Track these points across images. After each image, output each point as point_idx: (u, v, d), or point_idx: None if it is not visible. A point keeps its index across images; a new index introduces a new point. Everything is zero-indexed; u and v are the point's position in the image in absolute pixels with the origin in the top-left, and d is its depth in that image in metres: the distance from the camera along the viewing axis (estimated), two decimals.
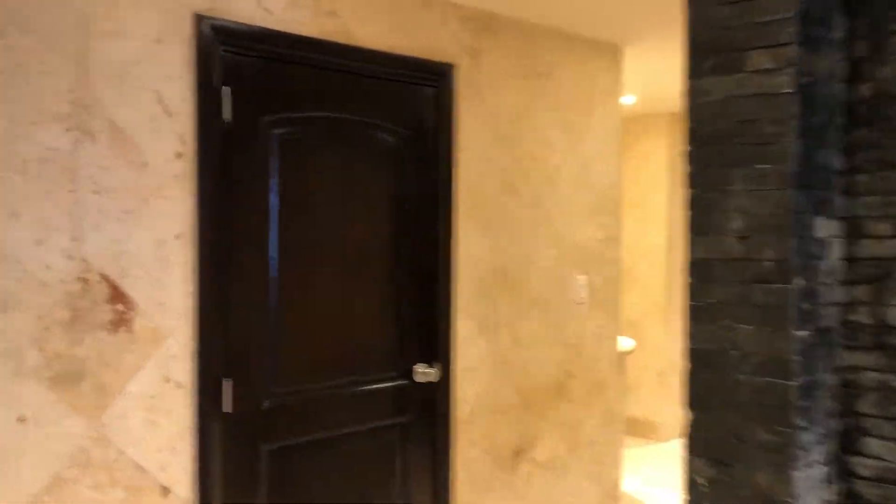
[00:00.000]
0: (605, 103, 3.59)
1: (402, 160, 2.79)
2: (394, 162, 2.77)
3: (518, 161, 3.19)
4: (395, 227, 2.78)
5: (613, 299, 3.66)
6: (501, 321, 3.14)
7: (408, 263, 2.81)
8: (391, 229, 2.77)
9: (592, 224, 3.53)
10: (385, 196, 2.75)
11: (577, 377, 3.48)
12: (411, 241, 2.82)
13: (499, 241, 3.12)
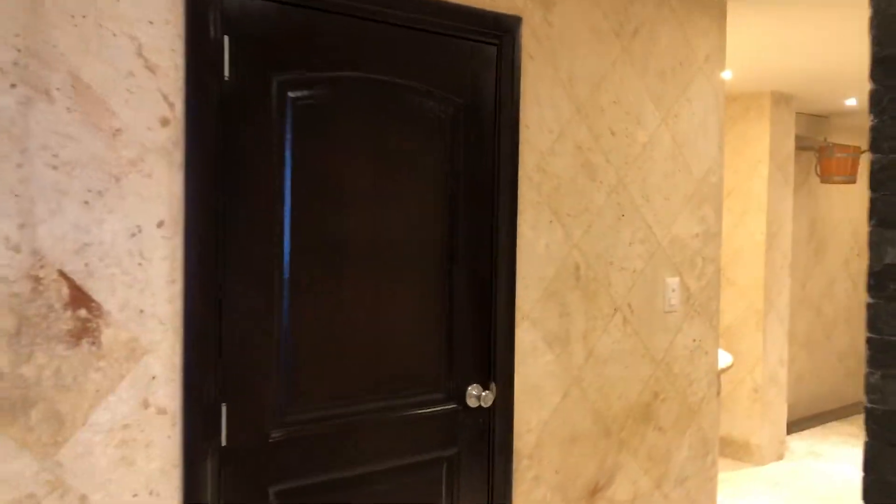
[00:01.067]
0: (705, 72, 2.98)
1: (455, 135, 2.27)
2: (444, 137, 2.25)
3: (598, 138, 2.63)
4: (444, 218, 2.26)
5: (712, 307, 3.06)
6: (574, 332, 2.59)
7: (459, 261, 2.29)
8: (439, 220, 2.25)
9: (687, 216, 2.94)
10: (432, 179, 2.23)
11: (666, 399, 2.89)
12: (464, 233, 2.29)
13: (572, 234, 2.57)
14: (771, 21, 3.52)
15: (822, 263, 6.74)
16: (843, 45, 4.09)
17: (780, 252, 5.38)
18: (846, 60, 4.40)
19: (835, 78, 4.87)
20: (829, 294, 6.85)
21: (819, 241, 6.68)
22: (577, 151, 2.57)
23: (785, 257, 5.42)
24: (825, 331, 6.82)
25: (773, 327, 5.35)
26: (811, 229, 6.52)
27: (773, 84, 5.12)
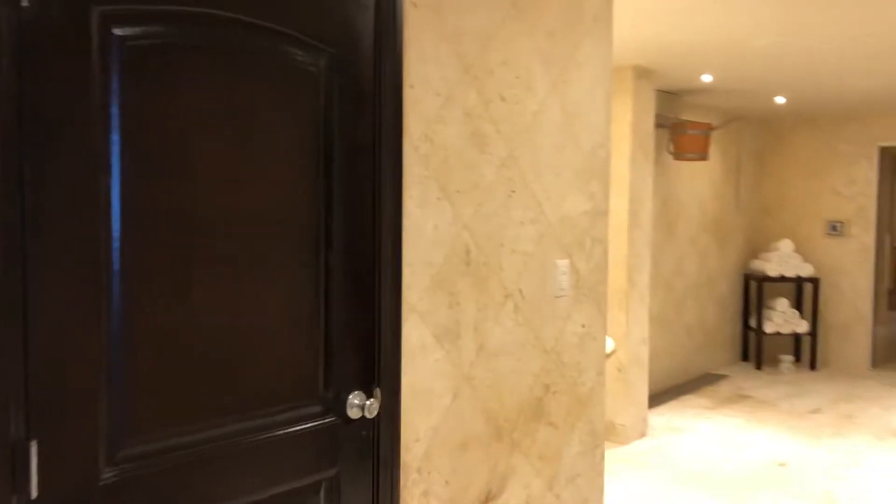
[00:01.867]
0: (594, 34, 2.74)
1: (329, 93, 1.87)
2: (315, 94, 1.85)
3: (487, 104, 2.31)
4: (318, 194, 1.87)
5: (600, 291, 2.84)
6: (465, 323, 2.28)
7: (336, 246, 1.90)
8: (311, 196, 1.86)
9: (577, 193, 2.69)
10: (300, 147, 1.84)
11: (557, 392, 2.65)
12: (341, 213, 1.91)
13: (462, 213, 2.25)
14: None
15: (672, 241, 6.85)
16: (703, 18, 4.01)
17: (642, 231, 5.34)
18: (705, 35, 4.35)
19: (693, 53, 4.84)
20: (679, 270, 6.99)
21: (670, 218, 6.78)
22: (467, 119, 2.25)
23: (646, 236, 5.40)
24: (676, 307, 6.96)
25: (635, 306, 5.32)
26: (664, 207, 6.60)
27: (634, 58, 5.03)
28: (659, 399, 6.39)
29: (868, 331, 7.80)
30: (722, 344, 7.83)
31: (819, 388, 6.94)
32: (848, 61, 5.01)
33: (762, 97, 6.62)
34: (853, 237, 7.86)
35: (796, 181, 8.15)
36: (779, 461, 4.96)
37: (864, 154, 7.78)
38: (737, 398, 6.59)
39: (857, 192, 7.83)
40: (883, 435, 5.55)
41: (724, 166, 7.65)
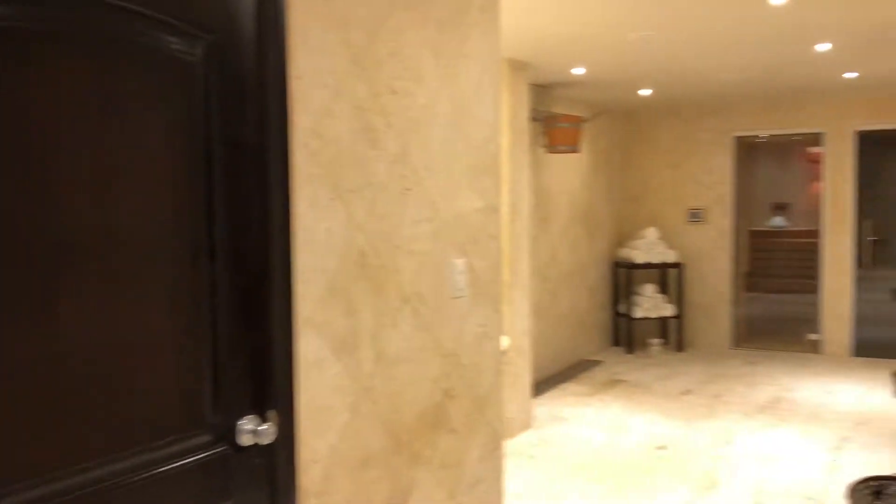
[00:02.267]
0: (481, 25, 2.64)
1: (208, 85, 1.67)
2: (192, 87, 1.65)
3: (377, 96, 2.17)
4: (197, 198, 1.67)
5: (496, 288, 2.77)
6: (362, 332, 2.13)
7: (220, 256, 1.71)
8: (189, 201, 1.66)
9: (469, 189, 2.60)
10: (176, 146, 1.63)
11: (456, 396, 2.55)
12: (224, 219, 1.72)
13: (356, 214, 2.09)
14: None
15: (547, 231, 6.94)
16: (580, 11, 4.03)
17: (522, 224, 5.35)
18: (580, 28, 4.38)
19: (567, 46, 4.87)
20: (553, 261, 7.08)
21: (544, 210, 6.86)
22: (357, 112, 2.09)
23: (525, 228, 5.41)
24: (551, 296, 7.06)
25: (517, 298, 5.32)
26: (537, 199, 6.66)
27: (509, 51, 5.01)
28: (540, 389, 6.45)
29: (728, 312, 8.22)
30: (594, 330, 8.03)
31: (688, 369, 7.24)
32: (710, 56, 5.20)
33: (629, 89, 6.80)
34: (712, 223, 8.25)
35: (659, 171, 8.46)
36: (658, 444, 5.10)
37: (721, 144, 8.17)
38: (612, 383, 6.76)
39: (716, 180, 8.22)
40: (750, 412, 5.83)
41: (593, 158, 7.83)
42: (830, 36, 4.59)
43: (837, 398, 6.18)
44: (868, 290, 7.95)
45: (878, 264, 8.47)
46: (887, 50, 5.02)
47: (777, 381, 6.74)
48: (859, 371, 7.07)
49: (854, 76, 6.19)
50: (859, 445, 5.01)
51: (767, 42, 4.73)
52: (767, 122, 7.98)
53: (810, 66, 5.61)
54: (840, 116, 7.60)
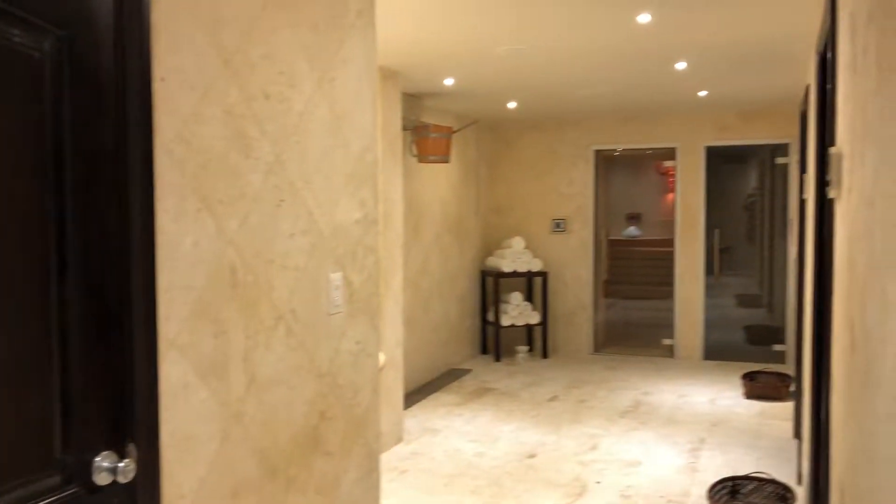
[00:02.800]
0: (358, 29, 2.56)
1: (56, 85, 1.49)
2: (38, 87, 1.47)
3: (250, 101, 2.04)
4: (44, 211, 1.48)
5: (374, 303, 2.68)
6: (233, 354, 1.98)
7: (73, 273, 1.53)
8: (35, 214, 1.47)
9: (348, 200, 2.50)
10: (19, 153, 1.44)
11: (332, 418, 2.44)
12: (79, 233, 1.54)
13: (226, 227, 1.95)
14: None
15: (418, 241, 6.91)
16: (452, 24, 4.02)
17: (395, 233, 5.28)
18: (452, 40, 4.37)
19: (439, 57, 4.86)
20: (425, 270, 7.06)
21: (416, 219, 6.83)
22: (228, 118, 1.95)
23: (398, 238, 5.35)
24: (422, 305, 7.03)
25: (390, 309, 5.24)
26: (409, 208, 6.61)
27: (381, 59, 4.93)
28: (411, 399, 6.40)
29: (590, 318, 8.49)
30: (463, 339, 8.07)
31: (553, 376, 7.40)
32: (575, 71, 5.34)
33: (497, 102, 6.89)
34: (574, 233, 8.50)
35: (524, 182, 8.64)
36: (529, 453, 5.16)
37: (581, 156, 8.44)
38: (482, 391, 6.80)
39: (576, 191, 8.48)
40: (613, 417, 6.01)
41: (462, 168, 7.89)
42: (687, 55, 4.81)
43: (692, 400, 6.49)
44: (716, 297, 8.44)
45: (724, 272, 9.02)
46: (733, 71, 5.32)
47: (636, 386, 7.00)
48: (710, 374, 7.47)
49: (705, 94, 6.55)
50: (715, 446, 5.27)
51: (631, 59, 4.90)
52: (625, 136, 8.31)
53: (669, 83, 5.87)
54: (692, 132, 8.03)
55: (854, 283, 1.51)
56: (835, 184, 1.92)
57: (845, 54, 1.85)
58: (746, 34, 4.21)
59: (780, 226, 8.86)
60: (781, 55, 4.72)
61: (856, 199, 1.47)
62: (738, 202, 11.25)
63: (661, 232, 14.11)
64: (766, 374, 6.75)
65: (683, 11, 3.74)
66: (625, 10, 3.70)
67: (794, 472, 4.64)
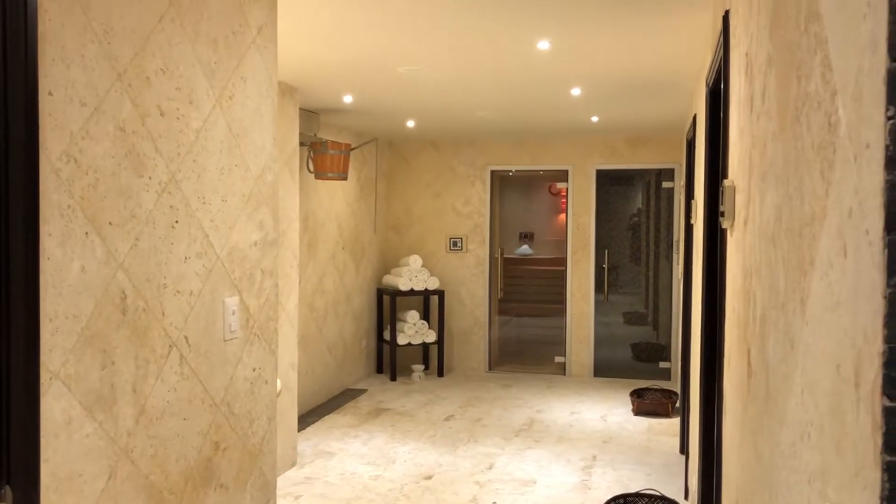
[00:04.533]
0: (259, 46, 2.49)
1: None
2: None
3: (144, 117, 1.94)
4: None
5: (271, 328, 2.59)
6: (121, 385, 1.86)
7: None
8: None
9: (245, 222, 2.41)
10: None
11: (227, 449, 2.34)
12: None
13: (117, 250, 1.84)
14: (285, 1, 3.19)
15: (314, 258, 6.79)
16: (353, 42, 3.99)
17: (290, 251, 5.16)
18: (352, 58, 4.34)
19: (338, 74, 4.81)
20: (320, 289, 6.94)
21: (311, 236, 6.71)
22: (121, 135, 1.84)
23: (294, 256, 5.23)
24: (317, 324, 6.91)
25: (285, 330, 5.11)
26: (304, 225, 6.50)
27: (280, 74, 4.84)
28: (305, 421, 6.25)
29: (485, 336, 8.57)
30: (359, 358, 7.98)
31: (449, 395, 7.41)
32: (473, 93, 5.40)
33: (395, 120, 6.88)
34: (470, 251, 8.58)
35: (422, 200, 8.66)
36: (425, 474, 5.12)
37: (478, 176, 8.54)
38: (378, 412, 6.73)
39: (473, 210, 8.57)
40: (508, 435, 6.07)
41: (359, 185, 7.83)
42: (582, 82, 4.95)
43: (584, 417, 6.64)
44: (604, 314, 8.68)
45: (612, 290, 9.30)
46: (624, 98, 5.52)
47: (529, 404, 7.10)
48: (601, 391, 7.67)
49: (597, 120, 6.76)
50: (606, 463, 5.40)
51: (529, 84, 5.00)
52: (520, 157, 8.47)
53: (564, 108, 6.02)
54: (583, 155, 8.27)
55: (751, 312, 1.56)
56: (728, 215, 1.99)
57: (739, 91, 1.93)
58: (638, 64, 4.37)
59: (664, 247, 9.23)
60: (669, 85, 4.92)
61: (753, 233, 1.53)
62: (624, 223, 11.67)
63: (552, 251, 14.46)
64: (653, 390, 6.98)
65: (580, 40, 3.85)
66: (525, 36, 3.77)
67: (681, 488, 4.80)
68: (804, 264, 0.95)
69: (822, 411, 0.85)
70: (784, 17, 1.16)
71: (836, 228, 0.78)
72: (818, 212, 0.87)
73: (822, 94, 0.86)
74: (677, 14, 3.38)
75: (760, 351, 1.38)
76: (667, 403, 6.68)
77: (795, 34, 1.04)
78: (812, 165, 0.90)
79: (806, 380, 0.94)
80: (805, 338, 0.94)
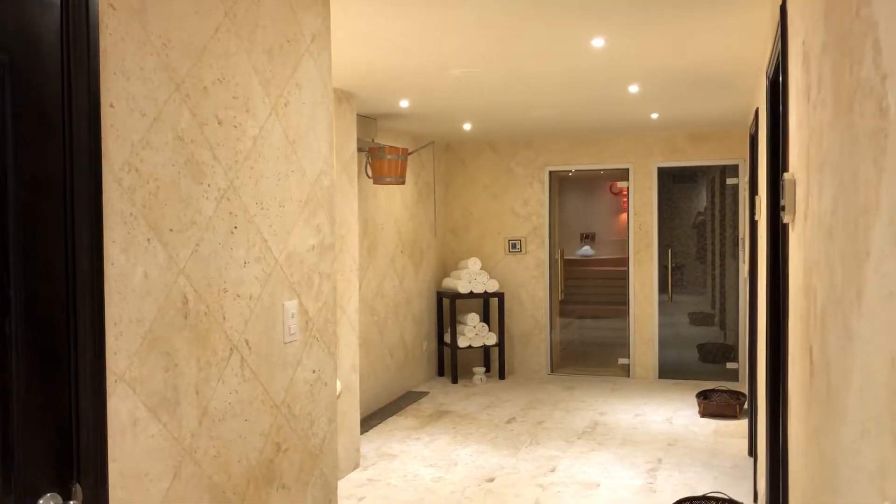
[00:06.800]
0: (313, 54, 2.53)
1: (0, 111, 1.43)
2: None
3: (202, 126, 1.99)
4: None
5: (329, 331, 2.63)
6: (184, 388, 1.92)
7: (15, 308, 1.46)
8: None
9: (303, 226, 2.46)
10: None
11: (289, 450, 2.38)
12: (21, 265, 1.47)
13: (178, 256, 1.89)
14: (342, 8, 3.22)
15: (374, 263, 6.86)
16: (408, 46, 4.02)
17: (350, 256, 5.22)
18: (408, 62, 4.37)
19: (394, 79, 4.85)
20: (380, 293, 7.01)
21: (371, 241, 6.78)
22: (179, 144, 1.90)
23: (354, 261, 5.29)
24: (378, 328, 6.97)
25: (345, 334, 5.17)
26: (364, 229, 6.57)
27: (336, 81, 4.91)
28: (367, 424, 6.31)
29: (546, 338, 8.51)
30: (420, 361, 8.02)
31: (510, 397, 7.38)
32: (529, 93, 5.38)
33: (451, 123, 6.90)
34: (530, 253, 8.53)
35: (480, 202, 8.66)
36: (487, 477, 5.12)
37: (536, 177, 8.50)
38: (440, 414, 6.75)
39: (531, 211, 8.53)
40: (570, 438, 6.01)
41: (417, 189, 7.87)
42: (639, 78, 4.88)
43: (648, 420, 6.53)
44: (669, 315, 8.53)
45: (677, 290, 9.14)
46: (683, 94, 5.42)
47: (592, 406, 7.02)
48: (666, 393, 7.54)
49: (657, 116, 6.66)
50: (672, 466, 5.30)
51: (585, 82, 4.96)
52: (578, 156, 8.40)
53: (622, 105, 5.95)
54: (644, 153, 8.15)
55: (812, 309, 1.52)
56: (789, 209, 1.94)
57: (797, 81, 1.88)
58: (696, 58, 4.29)
59: (730, 245, 9.02)
60: (730, 79, 4.81)
61: (813, 226, 1.49)
62: (688, 221, 11.44)
63: (614, 251, 14.28)
64: (720, 392, 6.83)
65: (635, 36, 3.80)
66: (579, 34, 3.74)
67: (750, 491, 4.68)
68: (860, 255, 0.92)
69: (880, 406, 0.82)
70: (837, 2, 1.13)
71: (888, 217, 0.75)
72: (871, 201, 0.84)
73: (874, 79, 0.83)
74: (736, 6, 3.31)
75: (821, 348, 1.34)
76: (734, 405, 6.53)
77: (847, 19, 1.01)
78: (865, 153, 0.88)
79: (864, 374, 0.91)
80: (861, 331, 0.91)
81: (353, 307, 5.33)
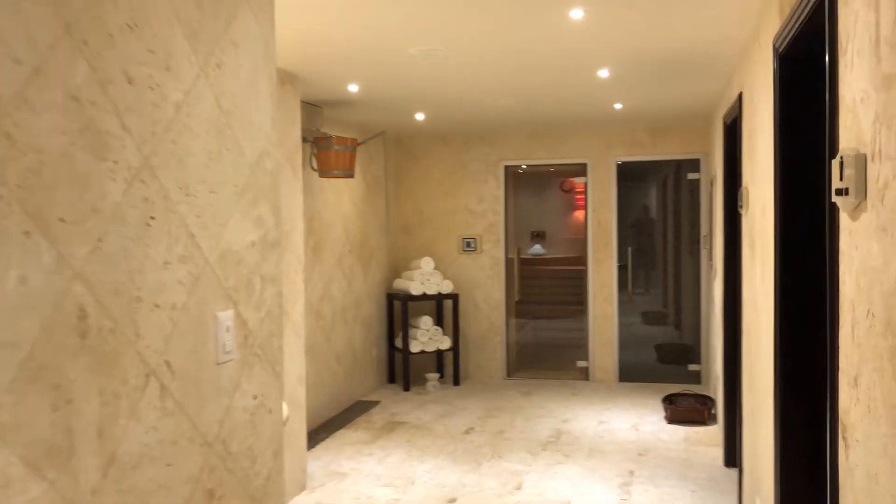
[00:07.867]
0: (252, 6, 2.06)
1: None
2: None
3: (106, 85, 1.51)
4: None
5: (274, 346, 2.16)
6: (82, 430, 1.44)
7: None
8: None
9: (240, 218, 1.99)
10: None
11: (224, 496, 1.91)
12: None
13: (72, 255, 1.41)
14: None
15: (320, 263, 6.36)
16: (359, 18, 3.56)
17: (295, 255, 4.73)
18: (358, 37, 3.91)
19: (341, 57, 4.38)
20: (327, 295, 6.52)
21: (317, 239, 6.29)
22: (74, 105, 1.42)
23: (299, 261, 4.80)
24: (325, 333, 6.48)
25: (290, 342, 4.68)
26: (309, 227, 6.07)
27: (278, 60, 4.41)
28: (314, 438, 5.82)
29: (502, 341, 8.13)
30: (370, 368, 7.55)
31: (467, 405, 6.97)
32: (488, 78, 4.97)
33: (404, 112, 6.46)
34: (485, 252, 8.14)
35: (432, 199, 8.23)
36: (448, 497, 4.68)
37: (491, 172, 8.10)
38: (392, 426, 6.29)
39: (487, 208, 8.14)
40: (534, 449, 5.62)
41: (366, 184, 7.40)
42: (612, 61, 4.52)
43: (614, 427, 6.19)
44: (622, 315, 8.23)
45: (633, 290, 8.86)
46: (656, 78, 5.08)
47: (553, 413, 6.66)
48: (628, 396, 7.22)
49: (620, 107, 6.32)
50: (646, 479, 4.94)
51: (554, 64, 4.57)
52: (535, 151, 8.03)
53: (587, 92, 5.59)
54: (603, 147, 7.82)
55: None
56: (856, 192, 1.56)
57: (857, 24, 1.50)
58: (678, 36, 3.94)
59: (687, 242, 8.78)
60: (711, 61, 4.48)
61: None
62: (643, 219, 11.20)
63: (566, 250, 14.01)
64: (685, 396, 6.54)
65: (617, 7, 3.41)
66: (557, 3, 3.33)
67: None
68: None
69: None
70: None
71: None
72: None
73: None
74: None
75: None
76: (702, 410, 6.23)
77: None
78: None
79: None
80: None
81: (299, 312, 4.85)
